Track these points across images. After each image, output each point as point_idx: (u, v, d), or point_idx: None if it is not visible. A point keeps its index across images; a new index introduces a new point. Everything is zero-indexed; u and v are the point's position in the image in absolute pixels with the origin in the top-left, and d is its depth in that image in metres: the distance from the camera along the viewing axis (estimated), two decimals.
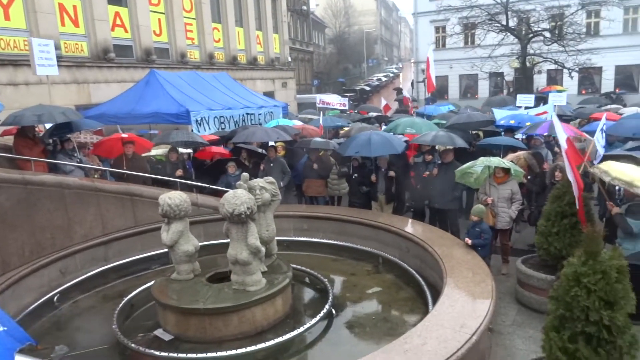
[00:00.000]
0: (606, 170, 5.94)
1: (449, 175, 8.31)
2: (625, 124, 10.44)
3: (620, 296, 3.44)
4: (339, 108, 19.97)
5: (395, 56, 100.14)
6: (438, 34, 40.58)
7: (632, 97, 30.51)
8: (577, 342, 3.52)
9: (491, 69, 30.94)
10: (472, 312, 4.84)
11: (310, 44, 52.40)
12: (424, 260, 6.94)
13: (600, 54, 30.14)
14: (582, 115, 15.89)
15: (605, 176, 5.89)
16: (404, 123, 10.98)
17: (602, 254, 3.51)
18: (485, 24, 29.25)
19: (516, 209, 7.63)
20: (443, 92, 41.48)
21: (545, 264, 6.54)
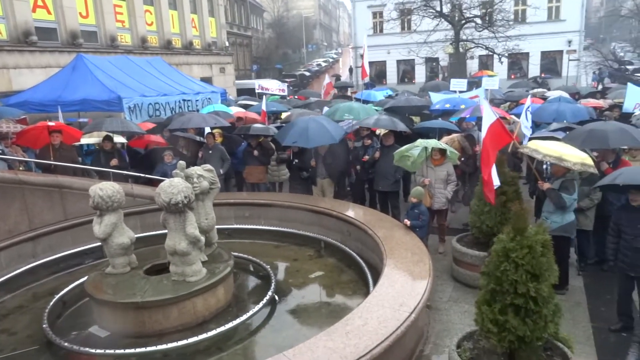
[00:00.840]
0: (536, 149, 6.30)
1: (390, 158, 8.45)
2: (547, 108, 11.05)
3: (544, 269, 3.66)
4: (278, 94, 19.81)
5: (335, 41, 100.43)
6: (375, 19, 41.01)
7: (556, 82, 32.34)
8: (507, 313, 3.71)
9: (427, 55, 31.75)
10: (411, 291, 4.99)
11: (248, 28, 51.45)
12: (365, 243, 7.07)
13: (527, 40, 31.74)
14: (511, 99, 16.66)
15: (536, 154, 6.25)
16: (342, 108, 11.04)
17: (528, 230, 3.70)
18: (420, 10, 29.95)
19: (452, 190, 7.91)
20: (382, 77, 42.20)
21: (479, 242, 6.84)
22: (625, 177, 5.38)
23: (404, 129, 9.04)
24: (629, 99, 11.73)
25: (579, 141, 6.95)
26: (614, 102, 14.15)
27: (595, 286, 6.74)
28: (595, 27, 62.81)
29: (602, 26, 60.61)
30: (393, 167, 8.51)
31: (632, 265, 5.30)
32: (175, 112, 14.10)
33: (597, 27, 62.90)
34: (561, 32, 36.19)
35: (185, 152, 10.08)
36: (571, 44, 36.37)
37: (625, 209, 5.51)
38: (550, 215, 6.31)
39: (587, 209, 6.88)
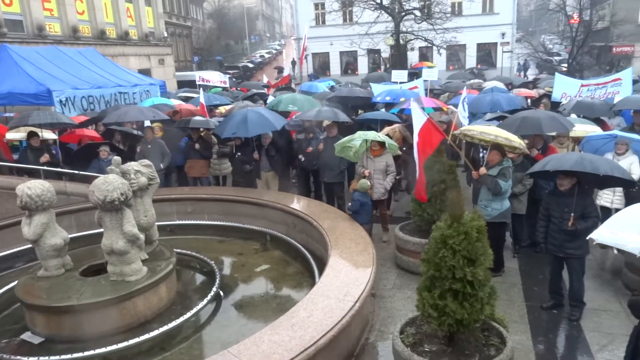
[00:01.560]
0: (484, 132, 6.57)
1: (334, 150, 8.49)
2: (482, 99, 11.46)
3: (480, 253, 3.81)
4: (219, 85, 19.42)
5: (278, 33, 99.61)
6: (318, 10, 41.02)
7: (491, 72, 33.67)
8: (446, 298, 3.84)
9: (369, 46, 32.12)
10: (355, 280, 5.06)
11: (188, 18, 50.01)
12: (310, 234, 7.10)
13: (463, 32, 32.82)
14: (449, 89, 17.19)
15: (485, 136, 6.48)
16: (285, 100, 10.97)
17: (464, 217, 3.84)
18: (361, 2, 30.22)
19: (390, 181, 8.06)
20: (325, 68, 42.37)
21: (420, 229, 7.03)
22: (553, 164, 5.67)
23: (346, 120, 9.11)
24: (557, 89, 12.41)
25: (513, 128, 7.26)
26: (545, 91, 14.90)
27: (529, 267, 7.10)
28: (526, 21, 65.88)
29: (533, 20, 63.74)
30: (337, 159, 8.56)
31: (560, 246, 5.61)
32: (110, 105, 13.51)
33: (528, 21, 66.03)
34: (495, 25, 37.68)
35: (122, 147, 9.68)
36: (505, 36, 37.97)
37: (553, 193, 5.82)
38: (490, 202, 6.55)
39: (521, 194, 7.21)
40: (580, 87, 12.14)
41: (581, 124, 8.41)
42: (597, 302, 6.01)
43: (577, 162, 5.48)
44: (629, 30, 29.68)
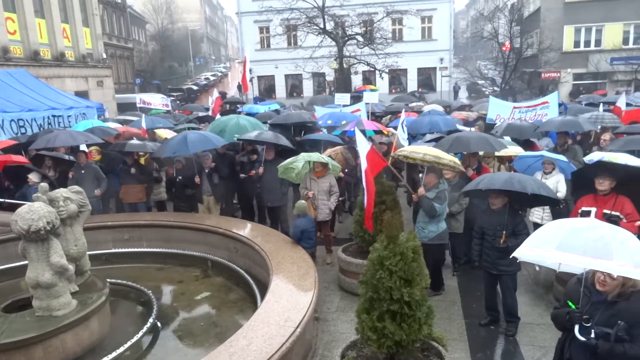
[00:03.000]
0: (414, 150, 6.76)
1: (274, 173, 8.46)
2: (422, 120, 11.83)
3: (416, 273, 3.87)
4: (161, 108, 19.01)
5: (223, 55, 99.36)
6: (262, 34, 41.28)
7: (431, 96, 34.97)
8: (384, 320, 3.86)
9: (313, 70, 32.64)
10: (297, 305, 4.99)
11: (129, 40, 48.95)
12: (252, 259, 6.98)
13: (404, 57, 34.01)
14: (390, 111, 17.65)
15: (415, 155, 6.64)
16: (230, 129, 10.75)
17: (400, 238, 3.89)
18: (305, 26, 30.77)
19: (334, 201, 8.11)
20: (271, 91, 42.50)
21: (362, 250, 7.07)
22: (486, 183, 5.89)
23: (286, 144, 9.14)
24: (491, 111, 13.01)
25: (446, 147, 7.57)
26: (479, 114, 15.58)
27: (467, 284, 7.28)
28: (463, 47, 69.15)
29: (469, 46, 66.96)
30: (278, 181, 8.54)
31: (493, 263, 5.80)
32: (43, 128, 12.88)
33: (465, 47, 69.33)
34: (434, 51, 39.31)
35: (52, 173, 9.21)
36: (443, 61, 39.64)
37: (486, 212, 6.03)
38: (427, 225, 6.68)
39: (458, 213, 7.44)
40: (513, 109, 12.79)
41: (510, 145, 8.83)
42: (531, 316, 6.23)
43: (507, 181, 5.72)
44: (555, 57, 31.82)
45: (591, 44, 33.04)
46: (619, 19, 31.48)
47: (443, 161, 6.55)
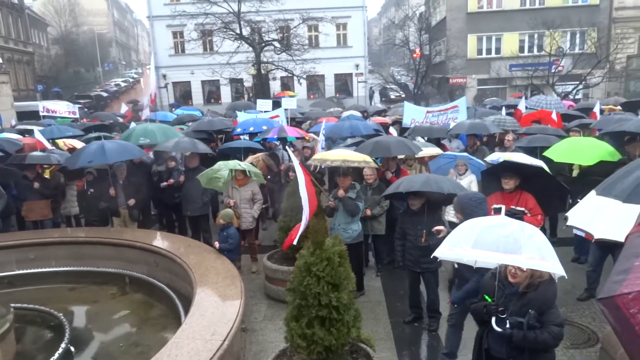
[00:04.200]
0: (323, 158, 7.07)
1: (196, 181, 8.21)
2: (342, 125, 12.04)
3: (343, 277, 3.90)
4: (68, 116, 17.78)
5: (135, 60, 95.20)
6: (176, 39, 40.04)
7: (349, 101, 35.80)
8: (314, 326, 3.85)
9: (231, 75, 32.19)
10: (223, 317, 4.85)
11: (29, 43, 45.40)
12: (174, 272, 6.69)
13: (321, 63, 34.55)
14: (310, 117, 17.82)
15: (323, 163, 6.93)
16: (137, 132, 10.37)
17: (326, 243, 3.91)
18: (220, 32, 30.28)
19: (258, 209, 8.02)
20: (187, 97, 41.32)
21: (288, 257, 7.02)
22: (405, 185, 6.10)
23: (205, 151, 8.92)
24: (406, 115, 13.54)
25: (367, 151, 7.74)
26: (395, 118, 16.18)
27: (391, 284, 7.49)
28: (377, 54, 71.62)
29: (382, 53, 69.44)
30: (200, 190, 8.29)
31: (416, 262, 6.01)
32: None
33: (379, 54, 71.84)
34: (349, 57, 40.30)
35: None
36: (358, 67, 40.76)
37: (407, 213, 6.24)
38: (349, 225, 6.83)
39: (379, 215, 7.64)
40: (426, 113, 13.40)
41: (425, 147, 9.25)
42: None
43: (425, 182, 5.97)
44: (461, 64, 33.91)
45: (492, 52, 35.63)
46: (515, 29, 34.21)
47: (352, 164, 6.77)
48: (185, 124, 15.35)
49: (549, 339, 3.40)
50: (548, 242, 3.38)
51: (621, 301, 1.56)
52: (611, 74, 29.91)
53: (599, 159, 7.01)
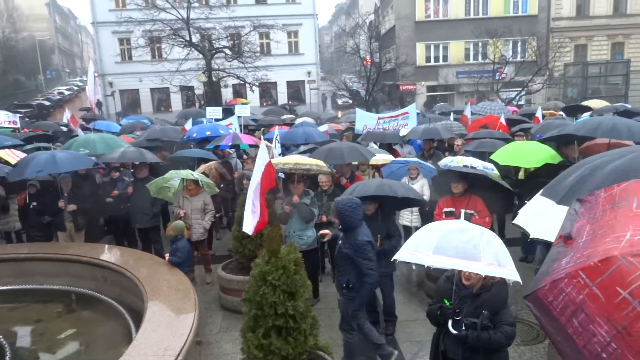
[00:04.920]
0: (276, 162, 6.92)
1: (145, 192, 7.97)
2: (296, 132, 12.05)
3: (299, 285, 3.87)
4: (8, 126, 16.86)
5: (79, 68, 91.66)
6: (123, 45, 38.89)
7: (302, 108, 35.88)
8: (270, 336, 3.79)
9: (181, 83, 31.51)
10: (176, 331, 4.70)
11: None
12: (124, 287, 6.45)
13: (273, 70, 34.46)
14: (263, 124, 17.72)
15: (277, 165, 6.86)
16: (77, 142, 9.97)
17: (281, 251, 3.86)
18: (169, 38, 29.65)
19: (209, 220, 7.86)
20: (135, 105, 40.18)
21: (243, 267, 6.92)
22: (360, 190, 6.15)
23: (154, 160, 8.68)
24: (358, 122, 13.70)
25: (321, 158, 7.77)
26: (348, 125, 16.33)
27: None
28: (329, 61, 72.26)
29: (334, 60, 70.12)
30: (150, 201, 8.05)
31: None
32: None
33: (330, 61, 72.49)
34: (301, 65, 40.43)
35: None
36: (310, 74, 40.96)
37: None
38: (304, 231, 6.82)
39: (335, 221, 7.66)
40: (378, 119, 13.60)
41: (379, 153, 9.38)
42: (407, 313, 6.62)
43: (379, 187, 6.06)
44: (410, 71, 34.71)
45: (440, 60, 36.71)
46: (461, 37, 35.41)
47: (304, 166, 6.85)
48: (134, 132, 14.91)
49: (502, 338, 3.50)
50: (504, 246, 3.48)
51: (541, 293, 1.75)
52: (550, 81, 31.44)
53: (541, 161, 7.32)
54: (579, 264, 1.64)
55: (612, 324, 1.47)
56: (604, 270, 1.53)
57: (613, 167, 3.37)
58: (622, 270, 1.48)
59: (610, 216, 1.81)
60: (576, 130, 7.62)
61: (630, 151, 3.59)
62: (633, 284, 1.44)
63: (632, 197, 1.81)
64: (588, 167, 3.67)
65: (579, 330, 1.57)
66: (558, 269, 1.78)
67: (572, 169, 4.01)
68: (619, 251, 1.53)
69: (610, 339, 1.46)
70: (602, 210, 1.90)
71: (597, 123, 7.37)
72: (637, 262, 1.47)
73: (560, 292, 1.66)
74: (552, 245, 2.15)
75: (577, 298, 1.59)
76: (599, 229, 1.79)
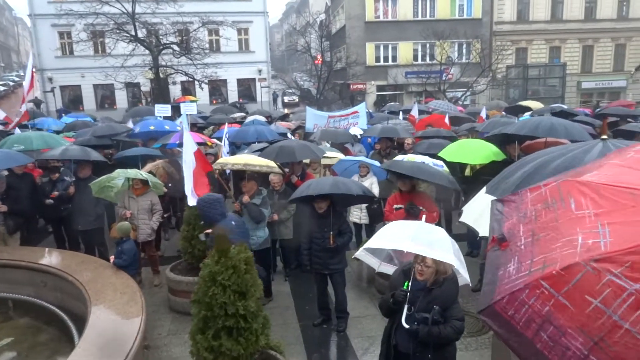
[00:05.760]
0: (225, 162, 7.19)
1: (88, 192, 7.63)
2: (247, 130, 11.90)
3: (250, 285, 3.81)
4: None
5: (15, 62, 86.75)
6: (64, 39, 37.12)
7: (252, 106, 35.53)
8: (221, 337, 3.72)
9: (126, 79, 30.44)
10: (122, 336, 4.53)
11: None
12: (66, 291, 6.16)
13: (223, 68, 33.92)
14: (213, 123, 17.41)
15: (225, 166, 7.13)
16: (11, 139, 9.45)
17: (231, 251, 3.79)
18: (113, 33, 28.57)
19: (157, 220, 7.64)
20: (78, 102, 38.48)
21: (192, 267, 6.76)
22: (314, 188, 6.15)
23: (99, 158, 8.34)
24: (309, 121, 13.73)
25: (272, 156, 7.73)
26: (299, 123, 16.32)
27: (299, 288, 7.51)
28: (280, 59, 71.98)
29: (285, 58, 69.94)
30: (93, 202, 7.72)
31: (324, 264, 6.08)
32: None
33: (281, 59, 72.24)
34: (252, 62, 40.01)
35: None
36: (261, 72, 40.62)
37: (313, 216, 6.29)
38: (255, 231, 6.74)
39: (286, 219, 7.63)
40: (328, 118, 13.68)
41: (329, 152, 9.43)
42: (358, 309, 6.69)
43: (334, 185, 6.09)
44: (360, 70, 35.19)
45: (389, 60, 37.35)
46: (409, 38, 36.19)
47: (254, 168, 6.79)
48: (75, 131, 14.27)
49: (451, 333, 3.58)
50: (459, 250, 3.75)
51: (499, 306, 1.65)
52: (494, 82, 32.71)
53: (486, 159, 7.58)
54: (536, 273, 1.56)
55: (587, 335, 1.40)
56: (569, 279, 1.46)
57: (556, 165, 3.52)
58: (589, 278, 1.42)
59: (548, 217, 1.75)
60: (518, 130, 7.94)
61: (570, 149, 3.76)
62: (603, 292, 1.39)
63: (567, 198, 1.75)
64: (532, 165, 3.82)
65: (549, 345, 1.49)
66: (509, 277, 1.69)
67: (515, 167, 4.16)
68: (579, 257, 1.47)
69: (587, 351, 1.40)
70: (535, 210, 1.84)
71: (536, 123, 7.71)
72: (601, 267, 1.41)
73: (522, 305, 1.57)
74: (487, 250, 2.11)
75: (542, 310, 1.51)
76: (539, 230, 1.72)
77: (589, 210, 1.62)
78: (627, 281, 1.37)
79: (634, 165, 1.80)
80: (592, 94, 38.74)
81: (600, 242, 1.48)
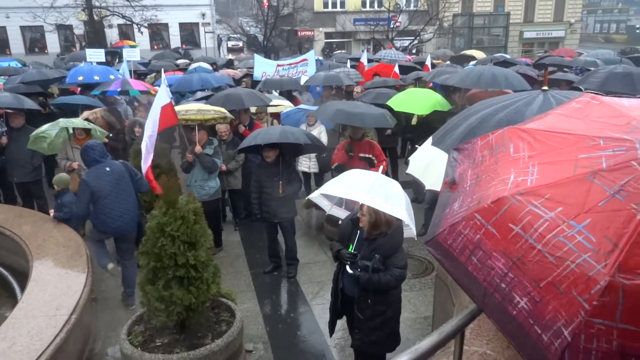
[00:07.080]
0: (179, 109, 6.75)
1: (23, 143, 7.17)
2: (191, 78, 11.43)
3: (200, 235, 3.80)
4: None
5: None
6: None
7: (196, 52, 34.05)
8: (171, 287, 3.72)
9: (57, 21, 28.20)
10: (68, 289, 4.46)
11: None
12: (4, 246, 5.93)
13: (164, 11, 32.01)
14: (155, 69, 16.61)
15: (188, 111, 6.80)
16: None
17: (179, 201, 3.74)
18: None
19: None
20: (4, 46, 35.49)
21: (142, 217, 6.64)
22: (262, 137, 6.08)
23: (34, 107, 7.84)
24: (257, 69, 13.36)
25: (219, 104, 7.55)
26: (246, 71, 15.87)
27: (250, 237, 7.57)
28: (224, 3, 68.85)
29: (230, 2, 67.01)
30: (29, 153, 7.31)
31: (274, 213, 6.12)
32: None
33: (226, 3, 69.16)
34: (195, 5, 37.95)
35: None
36: (205, 17, 38.73)
37: (262, 166, 6.27)
38: (206, 182, 6.66)
39: (235, 170, 7.56)
40: (277, 67, 13.38)
41: (277, 100, 9.30)
42: (308, 256, 6.86)
43: (282, 134, 6.04)
44: (308, 16, 34.25)
45: (337, 6, 36.55)
46: None
47: (207, 115, 6.69)
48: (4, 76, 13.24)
49: (391, 280, 3.73)
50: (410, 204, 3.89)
51: (440, 237, 1.87)
52: (440, 31, 32.82)
53: (432, 108, 7.73)
54: (472, 207, 1.78)
55: (508, 257, 1.61)
56: (497, 210, 1.67)
57: (499, 119, 3.62)
58: (513, 209, 1.63)
59: (490, 161, 1.95)
60: (461, 81, 8.10)
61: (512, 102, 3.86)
62: (523, 220, 1.59)
63: (507, 143, 1.95)
64: (475, 117, 3.91)
65: (478, 267, 1.71)
66: (452, 213, 1.91)
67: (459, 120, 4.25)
68: (508, 192, 1.68)
69: (507, 270, 1.61)
70: (482, 156, 2.04)
71: (478, 74, 7.89)
72: (524, 199, 1.62)
73: (459, 235, 1.78)
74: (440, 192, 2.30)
75: (474, 238, 1.72)
76: (482, 173, 1.93)
77: (524, 152, 1.82)
78: (545, 210, 1.57)
79: (572, 114, 1.99)
80: (533, 43, 39.80)
81: (528, 179, 1.69)
